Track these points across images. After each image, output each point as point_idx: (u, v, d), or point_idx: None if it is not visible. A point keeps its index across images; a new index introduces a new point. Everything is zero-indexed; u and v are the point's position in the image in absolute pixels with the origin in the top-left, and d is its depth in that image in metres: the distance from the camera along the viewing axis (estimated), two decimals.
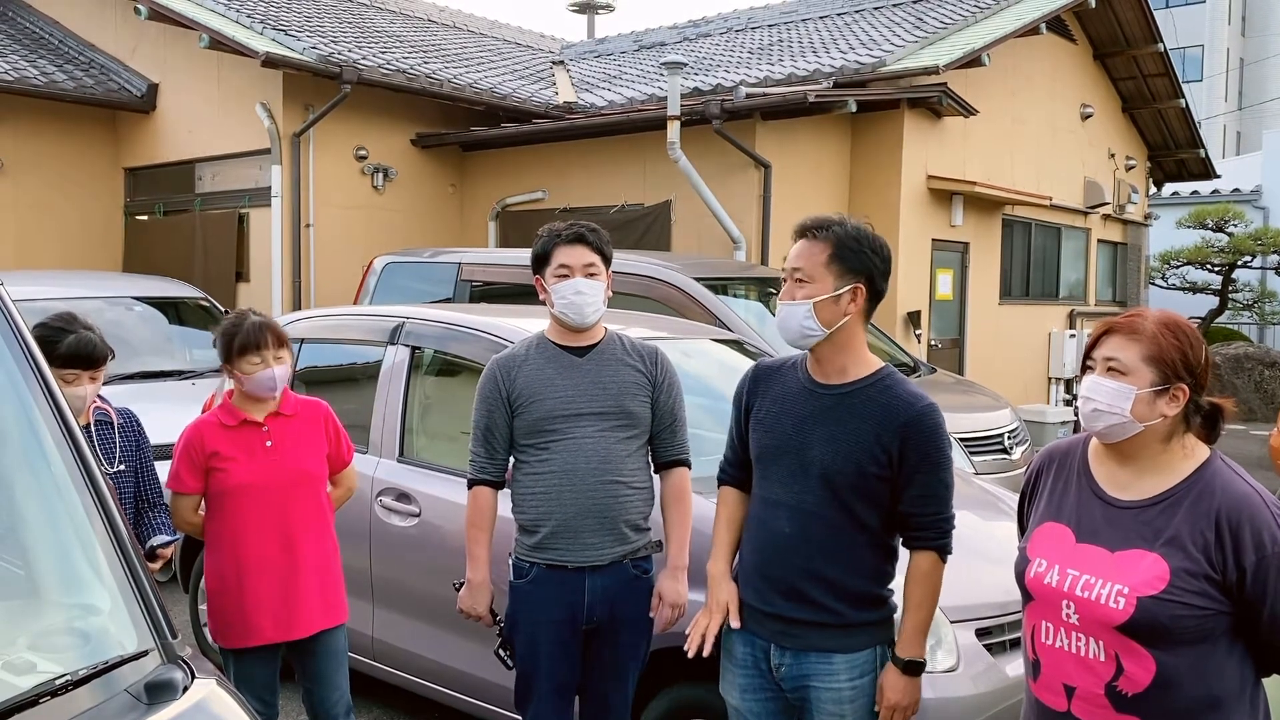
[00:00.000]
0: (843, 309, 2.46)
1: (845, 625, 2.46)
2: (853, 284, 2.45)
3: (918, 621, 2.46)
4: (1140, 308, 2.14)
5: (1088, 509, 2.09)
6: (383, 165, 11.24)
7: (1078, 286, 14.32)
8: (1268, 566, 1.89)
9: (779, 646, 2.51)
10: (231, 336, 3.17)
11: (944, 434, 2.47)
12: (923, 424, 2.43)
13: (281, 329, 3.25)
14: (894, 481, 2.44)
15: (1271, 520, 1.91)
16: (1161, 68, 14.19)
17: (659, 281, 6.97)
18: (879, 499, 2.45)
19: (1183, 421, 2.03)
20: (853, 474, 2.43)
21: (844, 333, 2.48)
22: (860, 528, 2.46)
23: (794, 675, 2.50)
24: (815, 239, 2.47)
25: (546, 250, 3.03)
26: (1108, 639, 1.98)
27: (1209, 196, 20.06)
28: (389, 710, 4.48)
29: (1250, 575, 1.89)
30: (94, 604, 1.85)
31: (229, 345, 3.17)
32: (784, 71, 10.93)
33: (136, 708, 1.65)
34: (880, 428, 2.42)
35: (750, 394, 2.64)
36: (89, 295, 7.83)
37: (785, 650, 2.50)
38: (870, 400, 2.46)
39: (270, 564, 3.17)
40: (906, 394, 2.46)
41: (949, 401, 7.10)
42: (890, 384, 2.48)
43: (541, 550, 2.95)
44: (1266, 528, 1.90)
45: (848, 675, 2.46)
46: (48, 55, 11.96)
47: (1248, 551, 1.90)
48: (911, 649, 2.45)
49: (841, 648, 2.46)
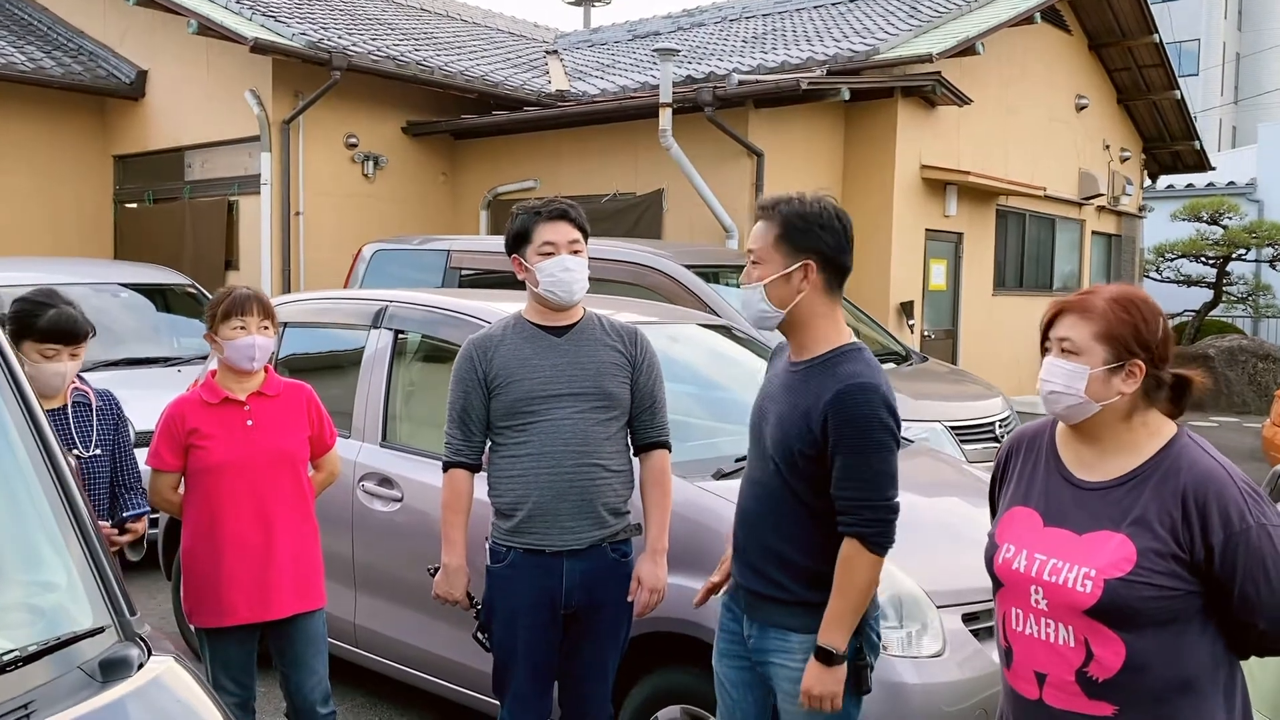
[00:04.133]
0: (795, 287, 2.41)
1: (801, 603, 2.43)
2: (801, 261, 2.40)
3: (835, 610, 2.34)
4: (1096, 285, 2.08)
5: (1055, 492, 2.05)
6: (373, 153, 11.18)
7: (1072, 278, 14.29)
8: (1236, 544, 1.83)
9: (749, 619, 2.55)
10: (218, 304, 3.17)
11: (873, 416, 2.32)
12: (844, 403, 2.30)
13: (269, 302, 3.24)
14: (824, 461, 2.36)
15: (1239, 496, 1.86)
16: (1157, 59, 14.16)
17: (649, 269, 6.93)
18: (813, 477, 2.38)
19: (1144, 397, 1.98)
20: (786, 452, 2.40)
21: (801, 310, 2.43)
22: (802, 505, 2.42)
23: (759, 649, 2.52)
24: (766, 218, 2.44)
25: (526, 228, 2.97)
26: (1076, 624, 1.93)
27: (1204, 189, 20.05)
28: (372, 697, 4.44)
29: (1219, 554, 1.84)
30: (51, 580, 1.80)
31: (214, 311, 3.16)
32: (778, 60, 10.88)
33: (90, 685, 1.61)
34: (811, 405, 2.37)
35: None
36: (75, 281, 7.74)
37: (754, 623, 2.53)
38: (812, 378, 2.42)
39: (246, 544, 3.13)
40: (842, 372, 2.36)
41: (940, 390, 7.09)
42: (837, 361, 2.39)
43: (518, 534, 2.91)
44: (1234, 504, 1.85)
45: (803, 655, 2.42)
46: (35, 41, 11.87)
47: (1215, 530, 1.84)
48: (827, 635, 2.34)
49: (798, 627, 2.44)
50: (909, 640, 2.99)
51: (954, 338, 11.87)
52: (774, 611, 2.47)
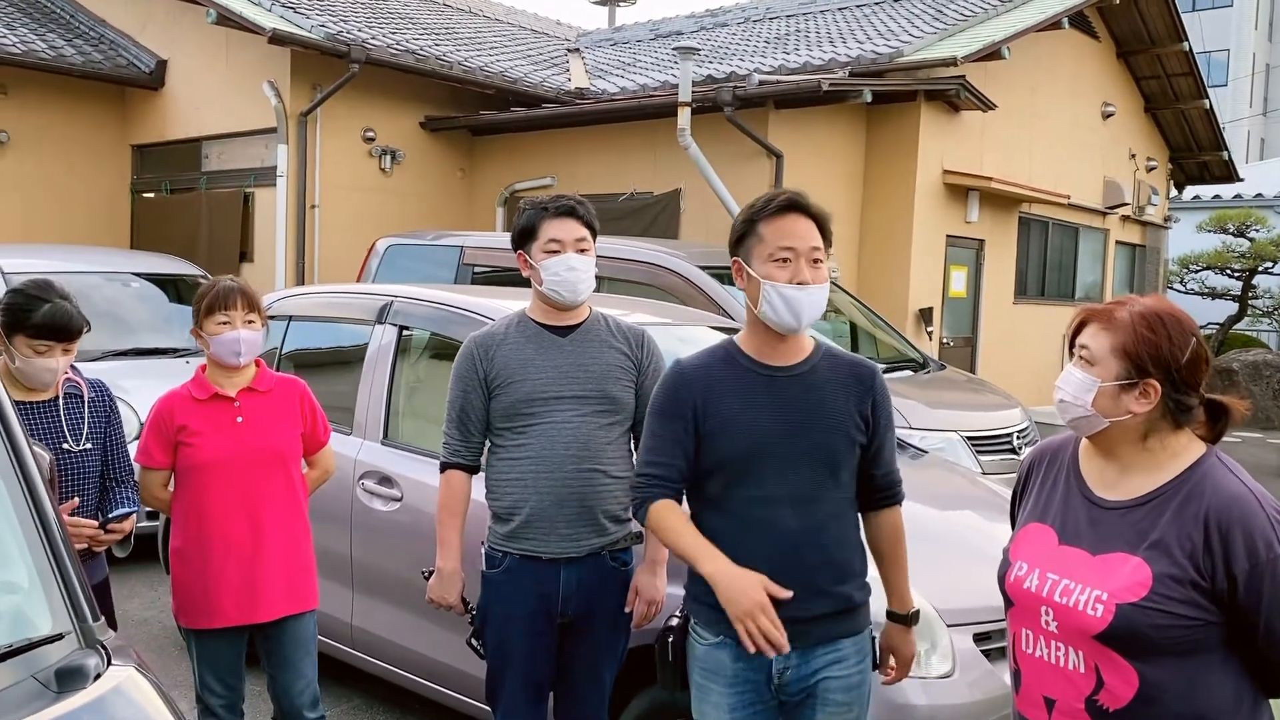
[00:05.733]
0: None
1: (850, 609, 2.36)
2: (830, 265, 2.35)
3: (903, 575, 2.49)
4: (1130, 296, 1.96)
5: (1073, 509, 1.94)
6: (391, 147, 11.12)
7: (1094, 288, 14.11)
8: (1262, 574, 1.71)
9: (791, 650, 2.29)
10: (202, 298, 3.08)
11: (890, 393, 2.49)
12: (880, 381, 2.44)
13: (255, 294, 3.14)
14: (868, 444, 2.41)
15: (1267, 524, 1.73)
16: (1186, 67, 13.96)
17: (663, 269, 6.84)
18: (853, 468, 2.40)
19: (1167, 419, 1.85)
20: (844, 446, 2.34)
21: None
22: (849, 504, 2.40)
23: (801, 676, 2.32)
24: (814, 217, 2.33)
25: (533, 224, 2.88)
26: (1087, 649, 1.83)
27: (1231, 201, 19.79)
28: (368, 699, 4.36)
29: (1243, 584, 1.72)
30: (12, 581, 1.72)
31: (198, 306, 3.08)
32: (800, 61, 10.76)
33: (44, 694, 1.52)
34: (859, 395, 2.37)
35: (699, 398, 2.33)
36: (87, 270, 7.74)
37: (791, 653, 2.26)
38: (833, 370, 2.38)
39: (235, 544, 3.04)
40: (853, 357, 2.48)
41: (957, 399, 6.96)
42: (835, 351, 2.46)
43: (515, 540, 2.81)
44: (1261, 532, 1.73)
45: (856, 659, 2.36)
46: (57, 29, 11.88)
47: (1239, 558, 1.72)
48: (903, 602, 2.48)
49: (847, 632, 2.35)
50: (917, 660, 2.87)
51: (973, 346, 11.71)
52: (829, 627, 2.33)
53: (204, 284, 3.16)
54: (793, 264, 2.27)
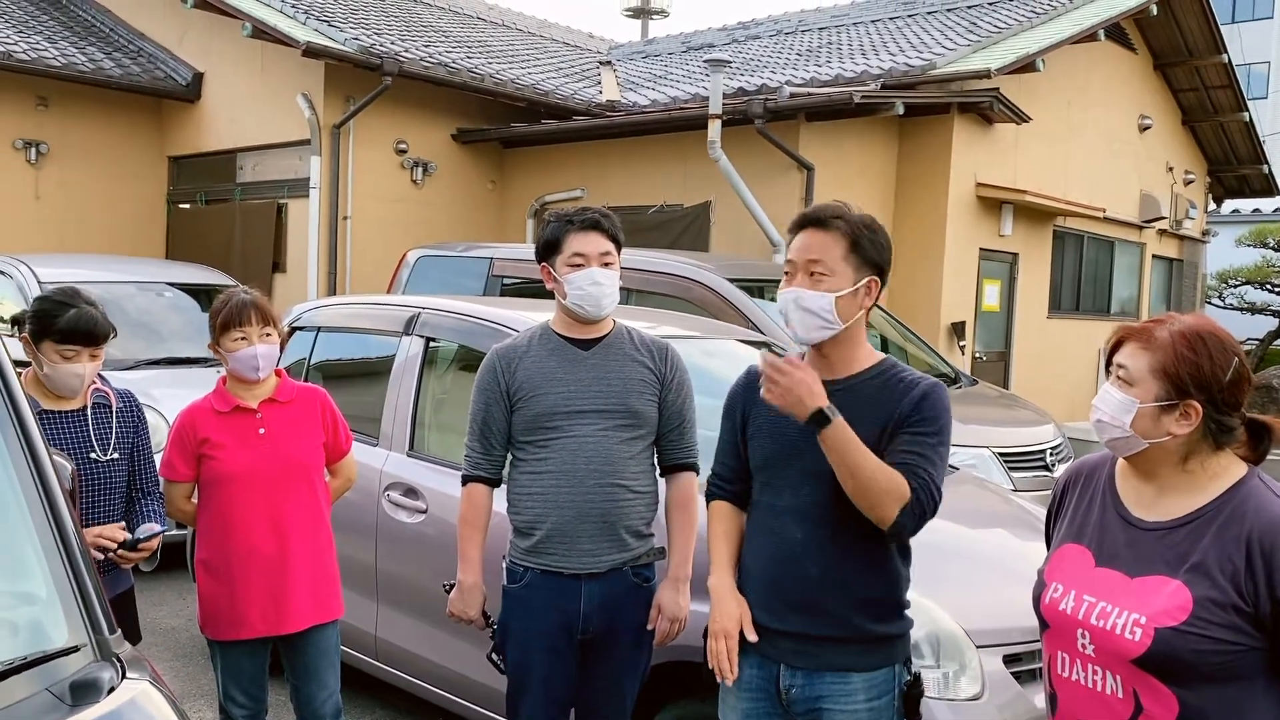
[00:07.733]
0: (859, 302, 2.33)
1: (864, 640, 2.29)
2: (869, 277, 2.32)
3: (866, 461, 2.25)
4: (1169, 314, 1.92)
5: (1110, 530, 1.90)
6: (422, 159, 11.18)
7: (1130, 303, 13.92)
8: None
9: (790, 667, 2.33)
10: (217, 313, 3.09)
11: (947, 408, 2.33)
12: (933, 396, 2.31)
13: (269, 307, 3.13)
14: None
15: None
16: (1225, 79, 13.76)
17: (692, 281, 6.81)
18: None
19: (1208, 440, 1.81)
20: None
21: (855, 326, 2.35)
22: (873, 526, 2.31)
23: (806, 697, 2.31)
24: (833, 229, 2.30)
25: (557, 237, 2.86)
26: (1125, 673, 1.78)
27: (1271, 215, 19.46)
28: (391, 711, 4.35)
29: None
30: (30, 592, 1.72)
31: (214, 322, 3.08)
32: (831, 73, 10.71)
33: (58, 708, 1.52)
34: (888, 414, 2.30)
35: (746, 401, 2.47)
36: (121, 280, 7.83)
37: (797, 670, 2.31)
38: (875, 388, 2.33)
39: (260, 556, 3.04)
40: (911, 378, 2.36)
41: (990, 415, 6.87)
42: (893, 371, 2.38)
43: (536, 554, 2.79)
44: None
45: (865, 696, 2.28)
46: (97, 43, 12.06)
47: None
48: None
49: (859, 666, 2.29)
50: (945, 681, 2.82)
51: (1006, 361, 11.57)
52: (834, 653, 2.29)
53: (218, 298, 3.16)
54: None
